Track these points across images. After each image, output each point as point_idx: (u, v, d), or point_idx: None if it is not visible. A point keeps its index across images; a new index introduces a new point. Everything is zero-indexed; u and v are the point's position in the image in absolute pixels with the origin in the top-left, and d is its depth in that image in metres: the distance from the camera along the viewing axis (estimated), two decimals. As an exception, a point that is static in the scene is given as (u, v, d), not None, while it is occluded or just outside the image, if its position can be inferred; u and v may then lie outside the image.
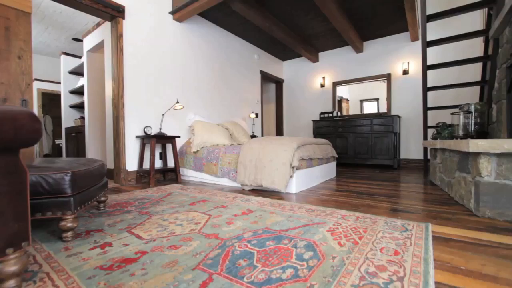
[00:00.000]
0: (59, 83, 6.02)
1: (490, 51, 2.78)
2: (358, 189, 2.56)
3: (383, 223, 1.46)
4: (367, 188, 2.59)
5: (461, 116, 2.63)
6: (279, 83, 6.06)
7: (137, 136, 3.06)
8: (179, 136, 3.21)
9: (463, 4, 2.66)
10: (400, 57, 4.59)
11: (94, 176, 1.51)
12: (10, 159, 0.79)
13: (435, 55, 3.91)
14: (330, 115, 5.03)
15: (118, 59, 2.90)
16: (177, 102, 3.21)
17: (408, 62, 4.49)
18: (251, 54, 5.06)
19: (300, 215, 1.63)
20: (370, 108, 5.07)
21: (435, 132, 2.93)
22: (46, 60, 6.23)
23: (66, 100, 4.73)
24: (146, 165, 3.16)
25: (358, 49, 4.86)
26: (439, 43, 2.93)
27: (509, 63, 2.21)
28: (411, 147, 4.55)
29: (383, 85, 4.81)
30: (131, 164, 3.04)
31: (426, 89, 3.07)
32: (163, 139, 3.03)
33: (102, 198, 1.82)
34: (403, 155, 4.63)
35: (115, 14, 2.87)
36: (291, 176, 2.35)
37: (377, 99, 5.08)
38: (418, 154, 4.47)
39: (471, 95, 3.78)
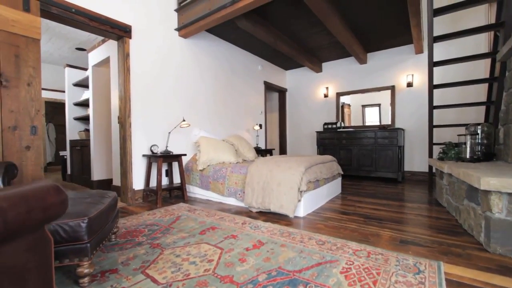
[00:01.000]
0: (63, 91, 6.04)
1: (496, 72, 2.78)
2: (364, 211, 2.57)
3: (395, 261, 1.47)
4: (374, 210, 2.60)
5: (468, 137, 2.63)
6: (282, 92, 6.06)
7: (143, 155, 3.07)
8: (185, 154, 3.22)
9: (471, 27, 2.67)
10: (404, 70, 4.60)
11: (108, 215, 1.52)
12: (38, 234, 0.80)
13: (439, 70, 3.91)
14: (334, 126, 5.03)
15: (125, 79, 2.91)
16: (183, 120, 3.22)
17: (412, 75, 4.50)
18: (255, 65, 5.06)
19: (311, 249, 1.64)
20: (372, 113, 5.09)
21: (441, 152, 2.93)
22: (49, 69, 6.22)
23: (71, 112, 4.74)
24: (153, 182, 3.17)
25: (362, 61, 4.87)
26: (446, 64, 2.93)
27: (517, 90, 2.21)
28: (415, 159, 4.56)
29: (385, 91, 4.81)
30: (137, 182, 3.05)
31: (432, 107, 3.08)
32: (170, 158, 3.04)
33: (114, 230, 1.84)
34: (407, 167, 4.64)
35: (122, 34, 2.87)
36: (299, 200, 2.36)
37: (378, 105, 5.09)
38: (422, 167, 4.48)
39: (476, 113, 3.79)
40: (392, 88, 4.70)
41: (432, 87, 2.97)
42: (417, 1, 2.82)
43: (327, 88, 5.46)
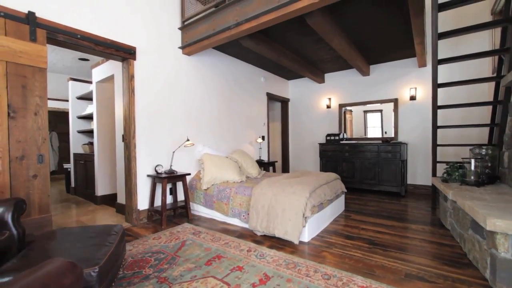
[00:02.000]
0: (66, 100, 6.05)
1: (500, 95, 2.78)
2: (369, 234, 2.58)
3: (402, 302, 1.48)
4: (378, 233, 2.60)
5: (472, 161, 2.63)
6: (284, 102, 6.07)
7: (148, 175, 3.09)
8: (189, 174, 3.24)
9: (476, 52, 2.67)
10: (407, 83, 4.59)
11: (117, 256, 1.54)
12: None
13: (442, 91, 3.92)
14: (337, 137, 5.04)
15: (129, 100, 2.93)
16: (187, 140, 3.24)
17: (416, 88, 4.49)
18: (258, 76, 5.07)
19: (318, 286, 1.65)
20: (374, 119, 5.09)
21: (445, 172, 2.93)
22: (52, 77, 6.21)
23: (74, 125, 4.76)
24: (157, 202, 3.18)
25: (365, 73, 4.87)
26: (450, 85, 2.94)
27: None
28: (418, 172, 4.56)
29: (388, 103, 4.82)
30: (142, 202, 3.07)
31: (436, 127, 3.08)
32: (174, 179, 3.05)
33: (122, 263, 1.85)
34: (410, 180, 4.64)
35: (127, 56, 2.89)
36: (303, 226, 2.37)
37: (380, 111, 5.09)
38: (425, 180, 4.48)
39: (480, 130, 3.79)
40: (395, 101, 4.70)
41: (436, 107, 2.97)
42: (421, 23, 2.82)
43: (329, 99, 5.46)
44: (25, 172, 2.12)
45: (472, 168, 2.64)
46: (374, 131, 5.16)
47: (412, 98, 4.52)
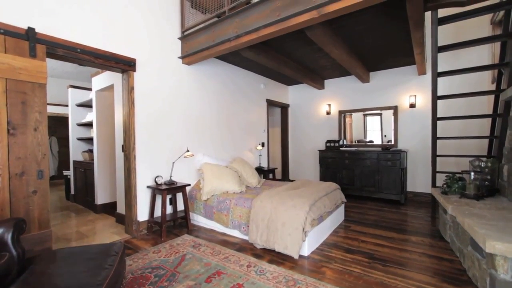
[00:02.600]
0: (65, 105, 6.03)
1: (500, 108, 2.78)
2: (368, 247, 2.58)
3: (401, 325, 1.48)
4: (378, 246, 2.61)
5: (472, 174, 2.64)
6: (284, 107, 6.07)
7: (148, 187, 3.09)
8: (189, 185, 3.24)
9: (476, 65, 2.67)
10: (407, 90, 4.60)
11: (118, 278, 1.53)
12: None
13: (442, 101, 3.91)
14: (337, 144, 5.04)
15: (129, 112, 2.93)
16: (187, 150, 3.24)
17: (415, 96, 4.50)
18: (258, 83, 5.07)
19: (317, 306, 1.65)
20: (373, 122, 5.12)
21: (445, 184, 2.93)
22: (52, 82, 6.19)
23: (74, 132, 4.76)
24: (157, 212, 3.18)
25: (364, 80, 4.87)
26: (450, 97, 2.94)
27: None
28: (418, 180, 4.57)
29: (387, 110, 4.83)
30: (142, 213, 3.07)
31: (435, 138, 3.08)
32: (174, 190, 3.05)
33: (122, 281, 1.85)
34: (410, 187, 4.65)
35: (126, 68, 2.88)
36: (303, 241, 2.37)
37: (380, 114, 5.10)
38: (424, 188, 4.48)
39: (479, 142, 3.79)
40: (395, 108, 4.71)
41: (435, 119, 2.97)
42: (421, 35, 2.82)
43: (329, 105, 5.47)
44: (24, 188, 2.12)
45: (472, 181, 2.64)
46: (373, 134, 5.18)
47: (412, 105, 4.52)
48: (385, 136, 4.98)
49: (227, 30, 2.93)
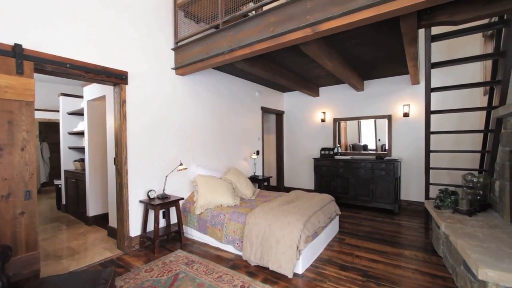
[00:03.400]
0: (56, 111, 5.91)
1: (491, 125, 2.81)
2: (363, 264, 2.58)
3: None
4: (372, 262, 2.61)
5: (465, 189, 2.66)
6: (279, 114, 6.06)
7: (140, 201, 3.04)
8: (182, 198, 3.20)
9: (468, 83, 2.69)
10: (401, 99, 4.63)
11: (106, 310, 1.50)
12: None
13: (435, 116, 3.94)
14: (331, 152, 5.05)
15: (121, 126, 2.87)
16: (181, 164, 3.20)
17: (409, 105, 4.53)
18: (253, 91, 5.05)
19: (311, 333, 1.64)
20: (367, 126, 5.16)
21: (438, 197, 2.95)
22: (43, 87, 6.07)
23: (65, 141, 4.67)
24: (150, 226, 3.13)
25: (359, 89, 4.89)
26: (443, 112, 2.97)
27: (513, 154, 2.24)
28: (411, 188, 4.60)
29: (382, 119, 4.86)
30: (134, 228, 3.02)
31: (429, 151, 3.11)
32: (167, 205, 3.01)
33: (111, 308, 1.81)
34: (403, 195, 4.68)
35: (118, 82, 2.83)
36: (297, 259, 2.35)
37: (374, 118, 5.11)
38: (418, 197, 4.52)
39: (471, 156, 3.84)
40: (389, 117, 4.73)
41: (429, 132, 2.99)
42: (414, 51, 2.83)
43: (324, 113, 5.47)
44: (11, 210, 2.06)
45: (464, 196, 2.66)
46: (368, 138, 5.23)
47: (406, 115, 4.55)
48: (379, 140, 5.01)
49: (221, 43, 2.90)
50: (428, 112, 2.90)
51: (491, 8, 2.01)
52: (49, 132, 7.22)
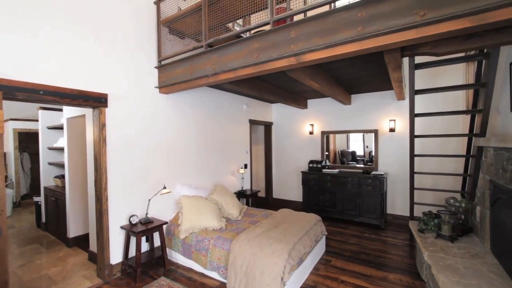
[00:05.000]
0: (36, 120, 5.69)
1: (472, 150, 2.86)
2: (348, 291, 2.58)
3: None
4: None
5: (447, 216, 2.69)
6: (268, 125, 6.02)
7: (121, 227, 2.94)
8: (166, 222, 3.12)
9: (451, 110, 2.73)
10: (387, 114, 4.67)
11: None
12: None
13: (419, 140, 3.99)
14: (319, 165, 5.05)
15: (101, 150, 2.76)
16: (164, 187, 3.12)
17: (395, 121, 4.57)
18: (240, 104, 4.99)
19: None
20: (355, 138, 5.24)
21: (422, 220, 2.98)
22: (22, 100, 5.84)
23: (45, 157, 4.49)
24: (132, 252, 3.03)
25: (346, 103, 4.90)
26: (426, 137, 2.99)
27: (492, 185, 2.27)
28: (397, 202, 4.65)
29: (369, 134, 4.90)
30: (115, 255, 2.92)
31: (413, 173, 3.13)
32: (149, 231, 2.92)
33: None
34: (390, 209, 4.73)
35: (97, 105, 2.72)
36: (282, 291, 2.32)
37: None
38: (403, 211, 4.58)
39: (455, 163, 3.90)
40: (375, 132, 4.77)
41: (413, 155, 3.02)
42: (398, 76, 2.84)
43: (312, 125, 5.47)
44: (-22, 251, 1.94)
45: (446, 221, 2.69)
46: (356, 144, 5.32)
47: (392, 130, 4.60)
48: (367, 146, 5.07)
49: (205, 65, 2.83)
50: (412, 136, 2.93)
51: (471, 43, 2.03)
52: (30, 142, 6.95)
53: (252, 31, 2.61)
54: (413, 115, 2.87)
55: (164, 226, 3.24)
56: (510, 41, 1.96)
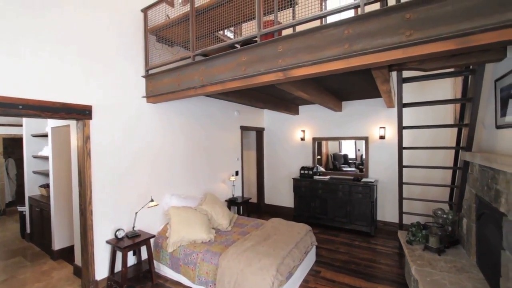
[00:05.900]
0: (20, 125, 5.53)
1: (459, 163, 2.89)
2: (337, 305, 2.57)
3: None
4: (346, 303, 2.60)
5: (435, 228, 2.71)
6: (259, 131, 5.99)
7: (107, 242, 2.87)
8: (153, 236, 3.06)
9: (437, 124, 2.75)
10: (377, 122, 4.70)
11: None
12: None
13: (408, 152, 4.01)
14: (311, 172, 5.05)
15: (85, 164, 2.69)
16: (151, 200, 3.06)
17: (385, 128, 4.60)
18: (231, 111, 4.94)
19: None
20: (347, 144, 5.29)
21: (410, 231, 2.99)
22: (6, 104, 5.67)
23: (30, 165, 4.36)
24: (118, 267, 2.96)
25: (337, 110, 4.91)
26: (415, 148, 3.02)
27: (478, 199, 2.29)
28: (387, 209, 4.69)
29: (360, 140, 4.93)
30: (101, 270, 2.85)
31: (401, 183, 3.15)
32: (136, 245, 2.86)
33: None
34: (380, 216, 4.76)
35: (81, 117, 2.65)
36: (270, 308, 2.29)
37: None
38: (393, 217, 4.61)
39: (444, 173, 3.94)
40: (366, 139, 4.79)
41: (402, 166, 3.04)
42: (387, 88, 2.85)
43: (303, 131, 5.47)
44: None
45: (434, 234, 2.71)
46: (348, 147, 5.35)
47: (382, 137, 4.63)
48: (358, 150, 5.09)
49: (193, 76, 2.78)
50: (401, 148, 2.94)
51: (456, 60, 2.04)
52: (15, 147, 6.74)
53: (240, 44, 2.57)
54: (401, 128, 2.88)
55: (152, 239, 3.17)
56: (494, 59, 1.98)
